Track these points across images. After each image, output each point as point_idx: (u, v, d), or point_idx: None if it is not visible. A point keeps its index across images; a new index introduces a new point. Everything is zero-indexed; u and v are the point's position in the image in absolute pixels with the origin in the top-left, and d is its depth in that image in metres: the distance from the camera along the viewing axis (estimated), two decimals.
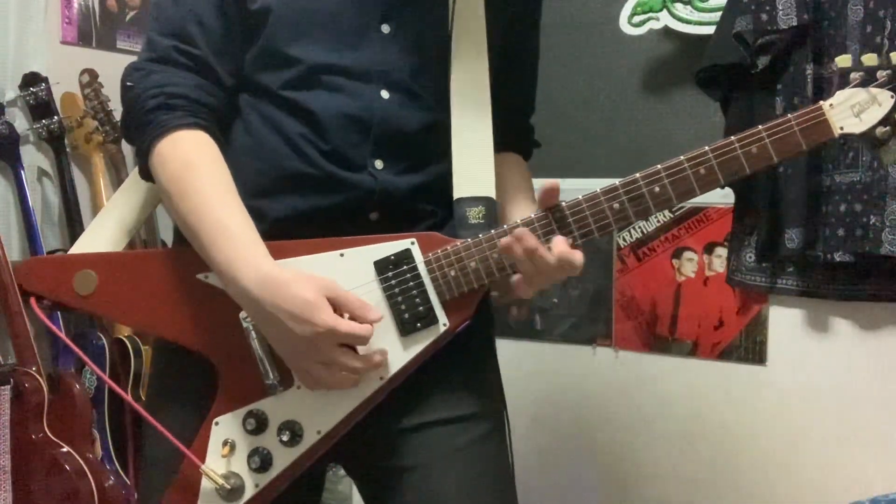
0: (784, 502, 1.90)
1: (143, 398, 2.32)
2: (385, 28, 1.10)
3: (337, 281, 0.98)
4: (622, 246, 2.08)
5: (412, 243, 1.04)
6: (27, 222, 2.19)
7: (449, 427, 1.10)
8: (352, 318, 0.96)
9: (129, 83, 1.08)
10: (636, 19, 1.94)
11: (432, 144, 1.12)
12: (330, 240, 1.04)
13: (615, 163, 2.05)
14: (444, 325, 1.03)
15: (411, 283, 1.03)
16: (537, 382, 2.16)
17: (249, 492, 1.03)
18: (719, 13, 1.80)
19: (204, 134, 1.05)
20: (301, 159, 1.07)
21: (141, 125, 1.05)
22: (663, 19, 1.91)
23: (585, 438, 2.13)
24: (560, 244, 0.99)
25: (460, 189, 1.10)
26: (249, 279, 0.96)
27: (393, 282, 1.03)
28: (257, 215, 1.03)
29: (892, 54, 1.04)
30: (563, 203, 1.02)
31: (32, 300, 1.12)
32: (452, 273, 1.03)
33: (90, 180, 2.44)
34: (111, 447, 2.20)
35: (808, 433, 1.87)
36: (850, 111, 1.00)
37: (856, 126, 1.00)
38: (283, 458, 1.02)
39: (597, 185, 1.01)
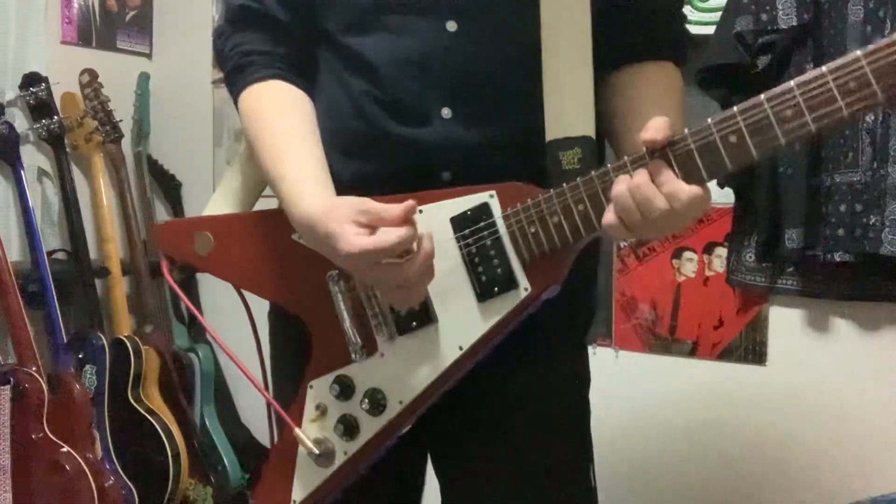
0: (784, 502, 1.90)
1: (143, 397, 2.33)
2: None
3: None
4: (622, 246, 2.08)
5: (491, 196, 0.92)
6: (27, 222, 2.20)
7: (532, 418, 1.04)
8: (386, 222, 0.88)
9: (215, 49, 1.12)
10: None
11: (513, 84, 0.98)
12: (411, 195, 0.91)
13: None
14: (526, 289, 0.91)
15: (488, 242, 0.92)
16: None
17: (339, 459, 1.00)
18: (719, 13, 1.80)
19: (276, 82, 1.05)
20: (363, 120, 1.01)
21: (229, 87, 1.09)
22: None
23: None
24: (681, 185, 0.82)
25: (553, 130, 0.94)
26: (296, 221, 0.96)
27: (470, 240, 0.93)
28: (334, 177, 1.00)
29: None
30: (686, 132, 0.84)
31: (163, 263, 1.14)
32: (533, 230, 0.90)
33: (90, 180, 2.44)
34: (111, 447, 2.20)
35: (807, 433, 1.87)
36: None
37: None
38: (369, 427, 0.98)
39: None
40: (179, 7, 2.75)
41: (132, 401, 2.28)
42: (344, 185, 0.99)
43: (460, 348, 0.93)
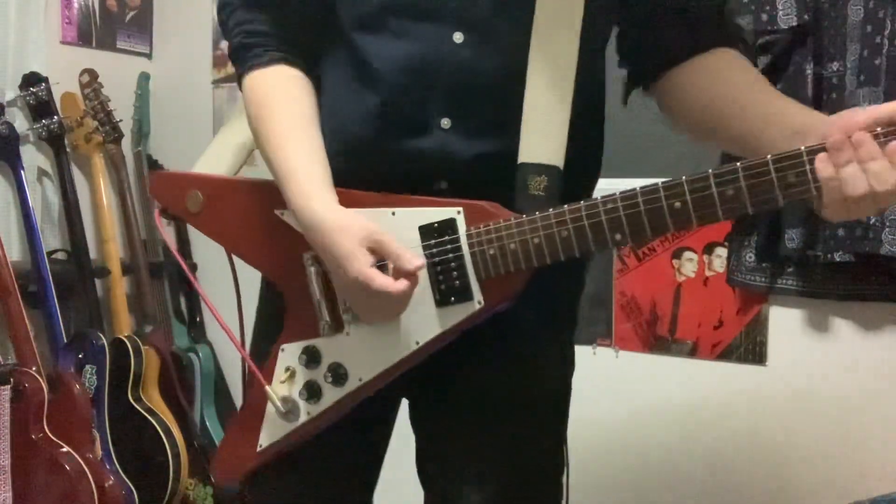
0: (784, 502, 1.90)
1: (143, 397, 2.33)
2: None
3: None
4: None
5: (458, 213, 0.98)
6: (27, 222, 2.20)
7: (502, 402, 1.09)
8: (395, 268, 0.95)
9: (219, 20, 1.13)
10: None
11: (513, 100, 0.99)
12: (391, 196, 1.01)
13: (615, 163, 2.03)
14: (480, 303, 0.98)
15: (451, 255, 0.98)
16: None
17: (303, 417, 1.08)
18: None
19: (282, 68, 1.06)
20: (364, 123, 1.03)
21: (233, 61, 1.10)
22: None
23: (585, 438, 2.13)
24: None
25: (526, 153, 0.99)
26: (304, 218, 0.99)
27: (434, 250, 0.99)
28: (333, 176, 1.03)
29: None
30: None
31: (156, 212, 1.20)
32: (491, 252, 0.96)
33: (90, 180, 2.44)
34: (111, 447, 2.20)
35: (807, 433, 1.87)
36: None
37: None
38: (331, 396, 1.06)
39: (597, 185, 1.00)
40: (179, 7, 2.75)
41: (132, 401, 2.28)
42: (338, 184, 1.02)
43: (416, 343, 1.01)
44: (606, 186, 1.01)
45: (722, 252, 1.94)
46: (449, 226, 0.98)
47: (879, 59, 1.60)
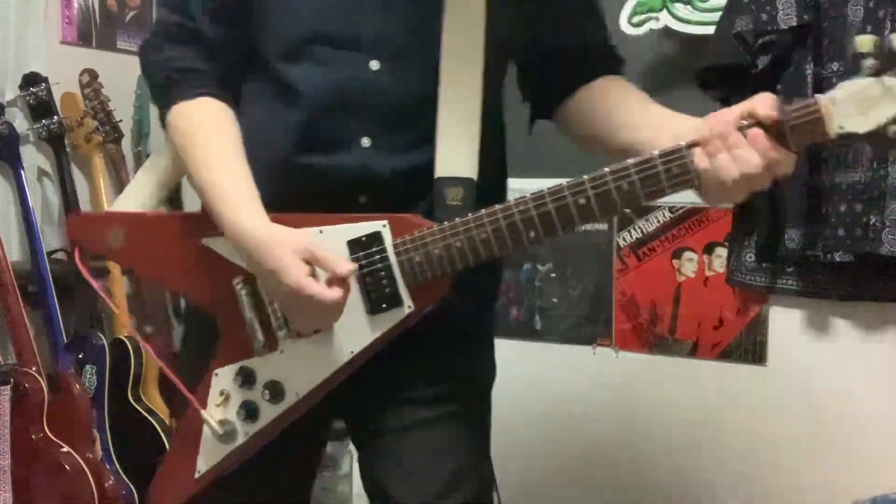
0: (784, 502, 1.90)
1: (143, 397, 2.33)
2: None
3: None
4: (622, 246, 2.08)
5: (384, 226, 1.05)
6: (27, 222, 2.19)
7: (421, 403, 1.15)
8: (329, 275, 1.01)
9: (142, 59, 1.19)
10: (636, 19, 1.94)
11: (423, 119, 1.09)
12: (316, 215, 1.07)
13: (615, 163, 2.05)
14: (409, 307, 1.05)
15: (379, 266, 1.05)
16: (537, 383, 2.16)
17: (241, 438, 1.11)
18: (719, 13, 1.80)
19: (208, 100, 1.12)
20: (288, 144, 1.10)
21: (156, 98, 1.17)
22: (663, 19, 1.91)
23: (585, 438, 2.13)
24: (764, 140, 0.92)
25: (442, 167, 1.08)
26: (237, 234, 1.04)
27: (364, 262, 1.05)
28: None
29: None
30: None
31: (76, 252, 1.26)
32: (417, 259, 1.03)
33: (90, 180, 2.44)
34: (111, 447, 2.20)
35: (807, 433, 1.87)
36: (856, 107, 0.87)
37: (860, 125, 0.87)
38: (268, 413, 1.10)
39: None
40: None
41: (132, 401, 2.28)
42: (265, 204, 1.07)
43: (351, 352, 1.06)
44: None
45: (722, 252, 1.95)
46: (376, 238, 1.05)
47: None
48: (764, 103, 0.93)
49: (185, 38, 1.14)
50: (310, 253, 1.01)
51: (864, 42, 0.89)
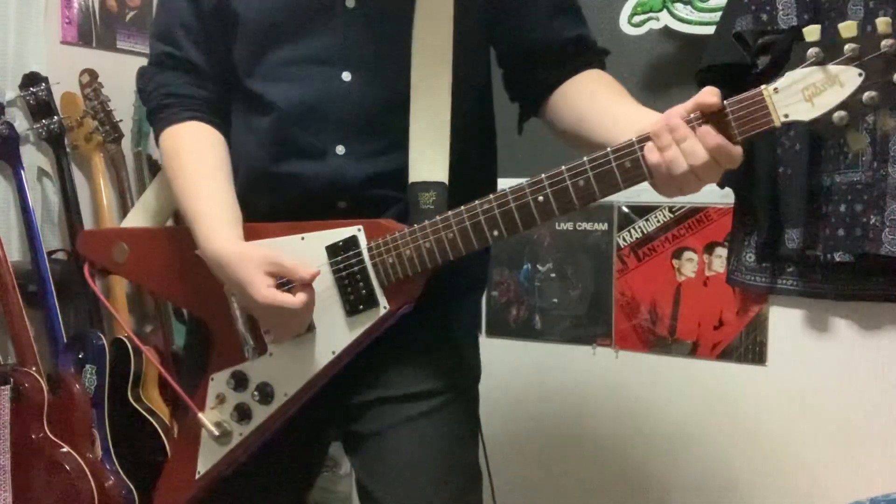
0: (784, 502, 1.90)
1: (143, 397, 2.33)
2: (350, 2, 1.13)
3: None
4: (622, 246, 2.08)
5: (359, 230, 1.10)
6: (27, 222, 2.19)
7: (402, 401, 1.18)
8: (295, 282, 1.07)
9: (138, 87, 1.27)
10: (636, 19, 1.95)
11: (396, 126, 1.13)
12: (298, 224, 1.14)
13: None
14: (385, 307, 1.10)
15: (356, 269, 1.10)
16: (537, 382, 2.16)
17: (236, 439, 1.18)
18: (719, 13, 1.80)
19: (196, 124, 1.20)
20: (268, 157, 1.16)
21: (151, 123, 1.24)
22: (663, 19, 1.92)
23: (585, 438, 2.14)
24: (712, 133, 0.94)
25: (415, 173, 1.13)
26: (208, 255, 1.11)
27: (341, 266, 1.11)
28: (245, 210, 1.16)
29: (878, 20, 0.91)
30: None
31: (85, 267, 1.33)
32: (390, 260, 1.08)
33: (90, 180, 2.44)
34: (111, 447, 2.20)
35: (808, 433, 1.87)
36: (801, 95, 0.88)
37: (805, 112, 0.88)
38: (260, 414, 1.16)
39: None
40: None
41: (132, 401, 2.28)
42: (255, 217, 1.15)
43: (333, 353, 1.12)
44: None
45: (722, 252, 1.95)
46: (352, 242, 1.10)
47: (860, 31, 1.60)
48: (709, 95, 0.95)
49: (174, 66, 1.22)
50: (273, 265, 1.06)
51: (849, 27, 0.92)
